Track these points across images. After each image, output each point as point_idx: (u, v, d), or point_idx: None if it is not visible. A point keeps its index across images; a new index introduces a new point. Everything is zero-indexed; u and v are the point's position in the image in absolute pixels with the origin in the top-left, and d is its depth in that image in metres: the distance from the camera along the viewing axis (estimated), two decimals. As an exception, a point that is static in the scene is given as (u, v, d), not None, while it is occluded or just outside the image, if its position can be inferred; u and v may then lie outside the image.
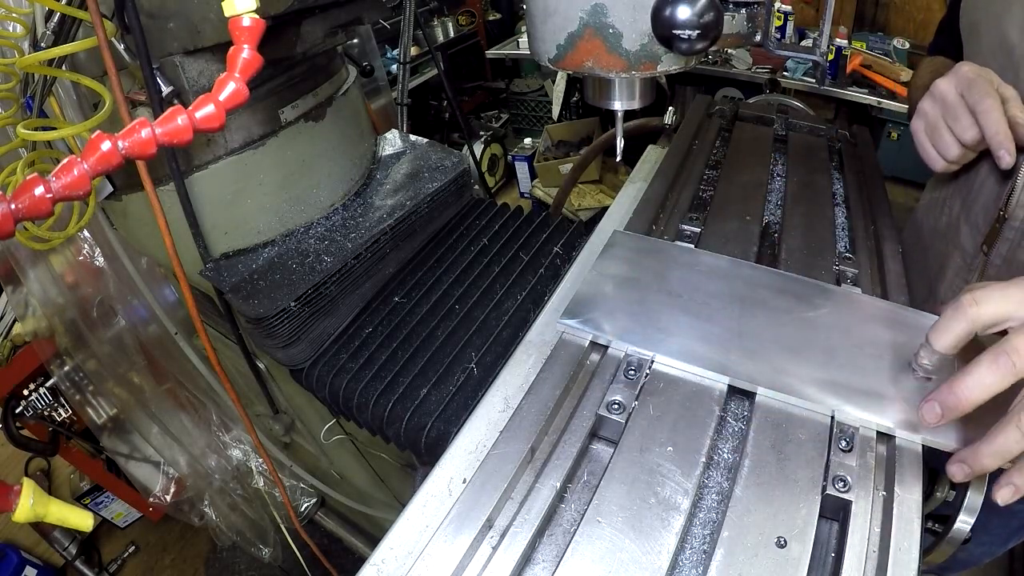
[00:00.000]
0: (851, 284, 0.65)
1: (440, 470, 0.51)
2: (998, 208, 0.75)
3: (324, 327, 0.85)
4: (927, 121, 0.73)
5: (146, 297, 1.01)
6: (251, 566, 1.86)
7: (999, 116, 0.65)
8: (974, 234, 0.80)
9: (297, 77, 0.83)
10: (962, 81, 0.69)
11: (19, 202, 0.35)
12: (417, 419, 0.73)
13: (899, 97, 2.56)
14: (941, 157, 0.72)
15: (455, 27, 3.88)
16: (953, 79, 0.70)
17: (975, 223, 0.80)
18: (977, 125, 0.67)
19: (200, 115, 0.41)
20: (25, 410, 1.50)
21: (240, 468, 1.22)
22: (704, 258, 0.66)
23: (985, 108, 0.65)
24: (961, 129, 0.68)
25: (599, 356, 0.57)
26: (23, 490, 0.46)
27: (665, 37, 0.47)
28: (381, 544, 0.46)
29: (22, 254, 1.00)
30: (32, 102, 0.74)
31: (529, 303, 0.85)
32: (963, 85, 0.68)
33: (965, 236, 0.82)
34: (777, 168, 0.91)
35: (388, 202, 0.94)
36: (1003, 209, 0.74)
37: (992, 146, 0.66)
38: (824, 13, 0.53)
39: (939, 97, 0.71)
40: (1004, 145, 0.65)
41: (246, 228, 0.84)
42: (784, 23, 2.82)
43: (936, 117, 0.71)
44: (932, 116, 0.72)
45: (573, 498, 0.47)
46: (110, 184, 0.82)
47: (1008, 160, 0.66)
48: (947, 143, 0.71)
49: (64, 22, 0.65)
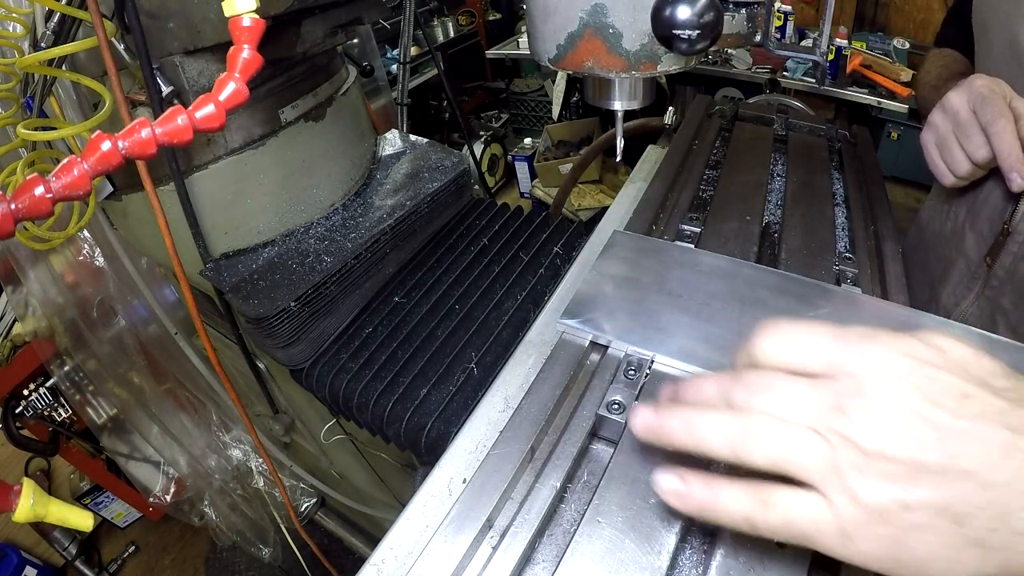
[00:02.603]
0: (851, 284, 0.65)
1: (440, 470, 0.51)
2: (1003, 220, 0.74)
3: (324, 327, 0.85)
4: (938, 135, 0.72)
5: (146, 297, 1.01)
6: (251, 566, 1.86)
7: (1012, 138, 0.64)
8: (979, 243, 0.79)
9: (297, 77, 0.83)
10: (975, 97, 0.67)
11: (19, 202, 0.35)
12: (417, 419, 0.72)
13: (899, 97, 2.56)
14: (951, 173, 0.71)
15: (455, 27, 3.88)
16: (966, 94, 0.69)
17: (980, 232, 0.79)
18: (989, 144, 0.66)
19: (200, 115, 0.41)
20: (25, 410, 1.50)
21: (240, 468, 1.22)
22: (704, 258, 0.66)
23: (998, 129, 0.65)
24: (973, 148, 0.67)
25: (599, 356, 0.57)
26: (23, 490, 0.46)
27: (665, 37, 0.47)
28: (381, 544, 0.46)
29: (22, 254, 1.00)
30: (32, 102, 0.74)
31: (529, 303, 0.85)
32: (976, 101, 0.67)
33: (970, 244, 0.81)
34: (777, 168, 0.90)
35: (388, 202, 0.94)
36: (1007, 223, 0.73)
37: (1003, 169, 0.65)
38: (824, 13, 0.53)
39: (951, 112, 0.70)
40: (1016, 168, 0.64)
41: (246, 228, 0.84)
42: (784, 23, 2.82)
43: (947, 132, 0.70)
44: (943, 131, 0.71)
45: (573, 498, 0.47)
46: (110, 184, 0.82)
47: (1020, 183, 0.65)
48: (958, 160, 0.70)
49: (64, 22, 0.65)
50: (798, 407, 0.34)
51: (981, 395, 0.31)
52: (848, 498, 0.32)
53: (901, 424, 0.31)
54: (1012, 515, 0.29)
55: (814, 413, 0.33)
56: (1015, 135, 0.65)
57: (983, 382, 0.32)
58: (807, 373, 0.35)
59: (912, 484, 0.31)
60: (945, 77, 0.86)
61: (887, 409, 0.32)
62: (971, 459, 0.30)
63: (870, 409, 0.32)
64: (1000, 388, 0.32)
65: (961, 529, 0.30)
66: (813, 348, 0.35)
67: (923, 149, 0.74)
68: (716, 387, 0.38)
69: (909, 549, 0.31)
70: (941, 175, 0.73)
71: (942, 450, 0.30)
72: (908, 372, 0.32)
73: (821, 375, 0.34)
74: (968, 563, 0.30)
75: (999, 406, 0.31)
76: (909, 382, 0.32)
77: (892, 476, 0.31)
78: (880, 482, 0.31)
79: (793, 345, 0.36)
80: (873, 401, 0.32)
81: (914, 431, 0.31)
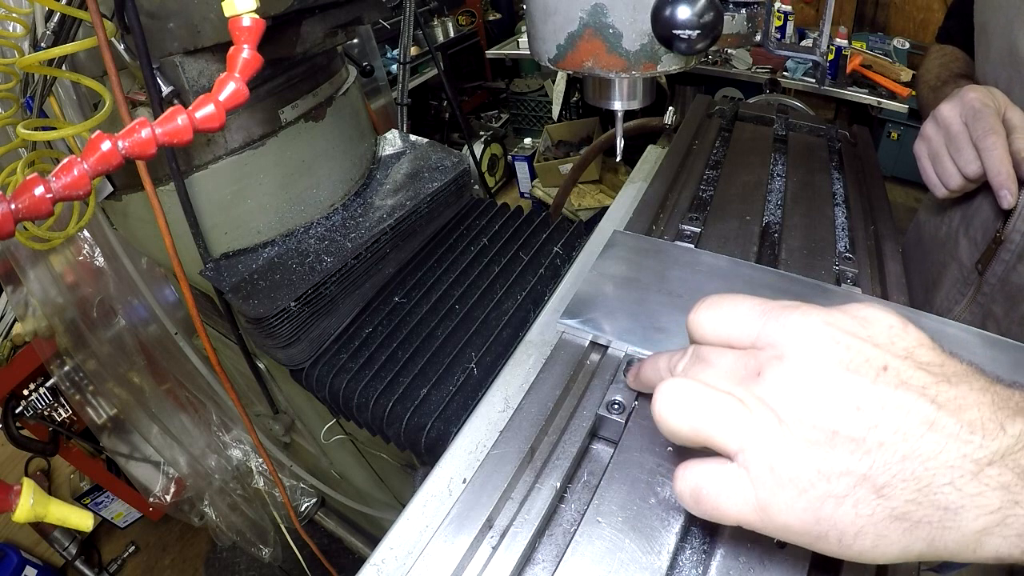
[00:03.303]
0: (851, 284, 0.65)
1: (440, 470, 0.51)
2: (996, 228, 0.74)
3: (324, 327, 0.85)
4: (930, 147, 0.72)
5: (146, 297, 1.01)
6: (251, 566, 1.86)
7: (1002, 154, 0.64)
8: (972, 250, 0.79)
9: (297, 77, 0.83)
10: (967, 110, 0.67)
11: (19, 202, 0.35)
12: (417, 419, 0.72)
13: (899, 97, 2.56)
14: (943, 186, 0.71)
15: (455, 27, 3.88)
16: (958, 106, 0.68)
17: (974, 238, 0.79)
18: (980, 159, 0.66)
19: (200, 115, 0.41)
20: (25, 410, 1.50)
21: (240, 468, 1.22)
22: (704, 258, 0.66)
23: (988, 145, 0.64)
24: (964, 162, 0.67)
25: (599, 356, 0.57)
26: (23, 490, 0.46)
27: (665, 37, 0.47)
28: (381, 544, 0.46)
29: (22, 254, 1.00)
30: (32, 102, 0.74)
31: (529, 303, 0.85)
32: (968, 114, 0.67)
33: (963, 250, 0.81)
34: (777, 168, 0.90)
35: (388, 202, 0.94)
36: (1000, 231, 0.73)
37: (994, 185, 0.65)
38: (824, 13, 0.53)
39: (943, 124, 0.70)
40: (1006, 185, 0.64)
41: (246, 228, 0.84)
42: (784, 23, 2.82)
43: (939, 145, 0.70)
44: (935, 143, 0.71)
45: (573, 498, 0.47)
46: (110, 184, 0.82)
47: (1010, 200, 0.65)
48: (949, 173, 0.70)
49: (64, 22, 0.65)
50: (722, 377, 0.34)
51: (902, 367, 0.31)
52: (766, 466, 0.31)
53: (818, 391, 0.31)
54: (935, 489, 0.29)
55: (737, 382, 0.34)
56: (1006, 151, 0.64)
57: (907, 354, 0.32)
58: (739, 346, 0.36)
59: (829, 451, 0.30)
60: (944, 78, 0.86)
61: (805, 376, 0.32)
62: (889, 428, 0.30)
63: (788, 376, 0.32)
64: (925, 362, 0.32)
65: (883, 500, 0.29)
66: (740, 321, 0.36)
67: (916, 160, 0.74)
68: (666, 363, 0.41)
69: (830, 520, 0.30)
70: (933, 187, 0.73)
71: (859, 418, 0.30)
72: (828, 340, 0.32)
73: (750, 346, 0.35)
74: (893, 538, 0.30)
75: (921, 379, 0.31)
76: (828, 350, 0.32)
77: (809, 443, 0.31)
78: (797, 449, 0.31)
79: (723, 319, 0.36)
80: (791, 368, 0.32)
81: (831, 398, 0.31)
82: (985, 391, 0.30)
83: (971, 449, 0.29)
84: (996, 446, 0.29)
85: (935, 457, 0.29)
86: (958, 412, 0.29)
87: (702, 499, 0.34)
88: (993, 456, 0.28)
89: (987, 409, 0.30)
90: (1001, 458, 0.28)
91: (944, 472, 0.29)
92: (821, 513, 0.30)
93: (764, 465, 0.31)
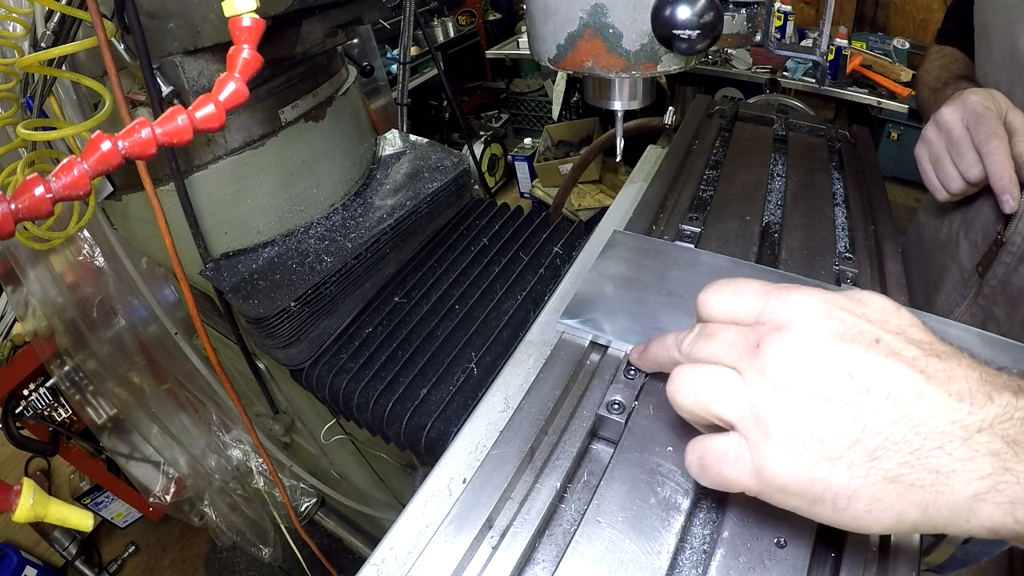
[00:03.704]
0: (851, 284, 0.65)
1: (440, 470, 0.51)
2: (997, 230, 0.74)
3: (324, 327, 0.85)
4: (931, 151, 0.72)
5: (146, 297, 1.01)
6: (251, 566, 1.86)
7: (1004, 159, 0.64)
8: (972, 252, 0.79)
9: (297, 77, 0.83)
10: (969, 114, 0.67)
11: (19, 202, 0.35)
12: (417, 419, 0.72)
13: (899, 97, 2.56)
14: (944, 189, 0.71)
15: (455, 27, 3.88)
16: (960, 110, 0.68)
17: (974, 240, 0.79)
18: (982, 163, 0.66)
19: (200, 115, 0.41)
20: (25, 410, 1.50)
21: (240, 468, 1.22)
22: (704, 258, 0.66)
23: (991, 149, 0.64)
24: (965, 166, 0.67)
25: (599, 356, 0.57)
26: (23, 490, 0.46)
27: (665, 37, 0.47)
28: (381, 544, 0.46)
29: (22, 254, 1.00)
30: (32, 102, 0.74)
31: (529, 303, 0.85)
32: (970, 118, 0.67)
33: (964, 252, 0.80)
34: (777, 168, 0.90)
35: (388, 202, 0.94)
36: (1001, 233, 0.73)
37: (996, 190, 0.65)
38: (824, 13, 0.53)
39: (944, 128, 0.69)
40: (1008, 190, 0.64)
41: (246, 228, 0.84)
42: (784, 23, 2.82)
43: (940, 148, 0.70)
44: (936, 147, 0.71)
45: (573, 498, 0.47)
46: (110, 184, 0.82)
47: (1012, 205, 0.65)
48: (951, 177, 0.70)
49: (64, 22, 0.65)
50: (725, 348, 0.36)
51: (894, 340, 0.32)
52: (762, 432, 0.33)
53: (812, 358, 0.33)
54: (927, 453, 0.30)
55: (738, 354, 0.35)
56: (1008, 155, 0.64)
57: (899, 331, 0.33)
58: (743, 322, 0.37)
59: (823, 415, 0.31)
60: (944, 79, 0.86)
61: (800, 345, 0.33)
62: (880, 393, 0.31)
63: (784, 346, 0.33)
64: (916, 339, 0.33)
65: (876, 463, 0.30)
66: (745, 299, 0.38)
67: (918, 163, 0.74)
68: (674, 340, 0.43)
69: (825, 482, 0.31)
70: (935, 190, 0.73)
71: (851, 384, 0.31)
72: (824, 314, 0.34)
73: (754, 322, 0.37)
74: (888, 502, 0.30)
75: (912, 352, 0.32)
76: (823, 323, 0.33)
77: (803, 408, 0.32)
78: (791, 413, 0.32)
79: (729, 298, 0.39)
80: (788, 339, 0.34)
81: (825, 365, 0.32)
82: (974, 368, 0.32)
83: (960, 416, 0.30)
84: (984, 414, 0.30)
85: (925, 423, 0.30)
86: (947, 383, 0.31)
87: (707, 467, 0.36)
88: (982, 424, 0.29)
89: (975, 382, 0.31)
90: (990, 426, 0.29)
91: (935, 437, 0.30)
92: (815, 474, 0.31)
93: (760, 431, 0.33)
